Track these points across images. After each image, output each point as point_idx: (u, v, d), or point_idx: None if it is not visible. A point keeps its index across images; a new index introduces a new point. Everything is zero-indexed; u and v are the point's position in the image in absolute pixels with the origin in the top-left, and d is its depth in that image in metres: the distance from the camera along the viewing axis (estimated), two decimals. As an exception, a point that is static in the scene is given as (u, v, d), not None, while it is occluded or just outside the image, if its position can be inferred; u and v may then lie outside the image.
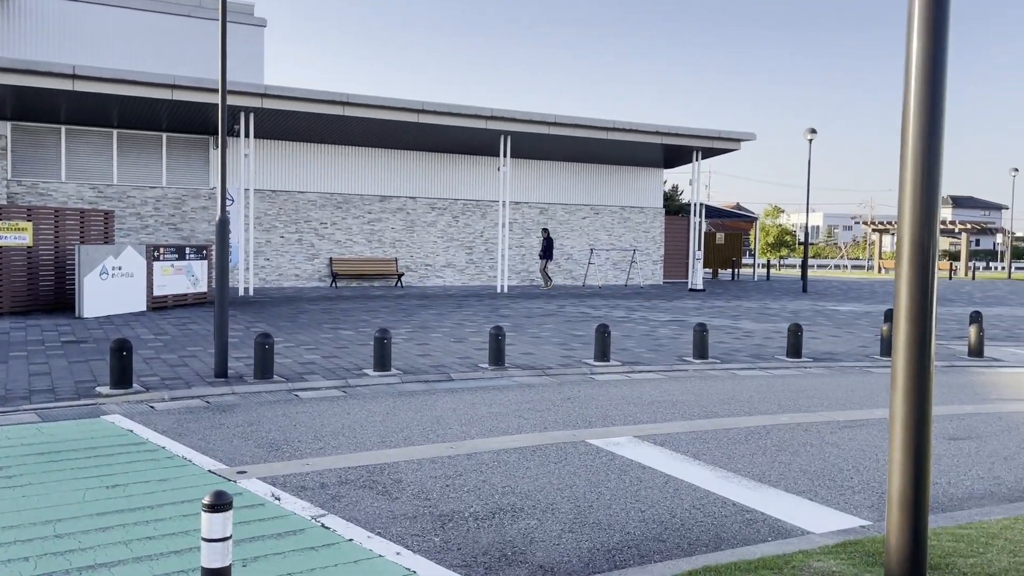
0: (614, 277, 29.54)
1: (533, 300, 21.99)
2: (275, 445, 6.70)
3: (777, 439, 7.23)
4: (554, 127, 23.65)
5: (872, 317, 19.59)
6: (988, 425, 8.03)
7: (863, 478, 6.04)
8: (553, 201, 28.51)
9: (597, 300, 22.44)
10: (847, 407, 8.83)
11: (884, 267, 55.19)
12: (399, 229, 26.37)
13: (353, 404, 8.46)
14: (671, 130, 25.22)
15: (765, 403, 8.95)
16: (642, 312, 19.20)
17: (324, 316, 16.73)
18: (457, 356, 11.72)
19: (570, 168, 28.77)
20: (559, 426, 7.58)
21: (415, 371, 10.39)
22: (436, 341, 13.27)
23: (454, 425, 7.54)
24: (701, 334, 12.08)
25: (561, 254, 28.66)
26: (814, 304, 23.14)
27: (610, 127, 24.24)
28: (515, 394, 9.22)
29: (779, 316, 19.14)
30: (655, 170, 30.14)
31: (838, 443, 7.13)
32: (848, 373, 11.48)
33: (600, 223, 29.26)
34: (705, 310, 20.15)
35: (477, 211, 27.34)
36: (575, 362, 11.48)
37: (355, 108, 21.36)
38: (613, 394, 9.32)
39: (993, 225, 55.70)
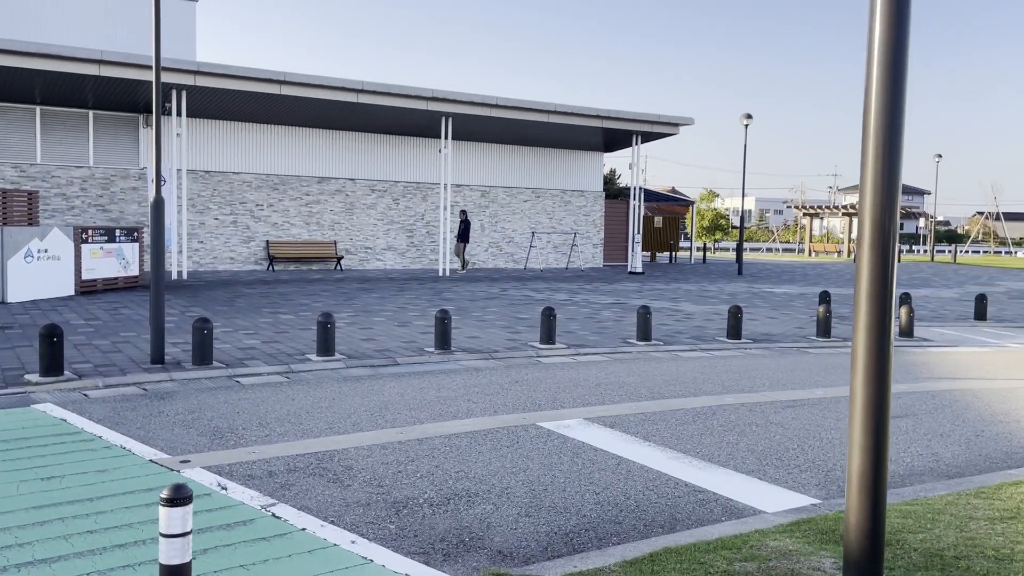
0: (555, 260, 29.65)
1: (476, 283, 21.91)
2: (218, 433, 6.50)
3: (723, 420, 7.33)
4: (496, 109, 23.52)
5: (806, 299, 20.08)
6: (923, 403, 8.29)
7: (808, 457, 6.16)
8: (494, 184, 28.41)
9: (539, 283, 22.48)
10: (788, 387, 9.01)
11: (814, 250, 56.71)
12: (338, 211, 25.95)
13: (297, 390, 8.29)
14: (612, 114, 25.33)
15: (709, 384, 9.08)
16: (584, 295, 19.30)
17: (262, 300, 16.37)
18: (402, 340, 11.59)
19: (512, 151, 28.70)
20: (509, 409, 7.54)
21: (360, 356, 10.23)
22: (380, 325, 13.10)
23: (403, 410, 7.45)
24: (644, 316, 12.19)
25: (503, 237, 28.62)
26: (750, 286, 23.62)
27: (551, 110, 24.21)
28: (463, 378, 9.16)
29: (717, 298, 19.47)
30: (595, 154, 30.28)
31: (782, 423, 7.26)
32: (787, 354, 11.73)
33: (541, 206, 29.29)
34: (645, 293, 20.37)
35: (418, 193, 27.08)
36: (521, 345, 11.46)
37: (292, 87, 20.87)
38: (561, 377, 9.33)
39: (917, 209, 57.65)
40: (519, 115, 23.89)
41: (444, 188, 24.12)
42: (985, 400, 8.52)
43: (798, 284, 25.33)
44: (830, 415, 7.61)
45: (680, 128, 27.07)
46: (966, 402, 8.38)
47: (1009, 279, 32.08)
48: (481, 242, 28.28)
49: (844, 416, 7.57)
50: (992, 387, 9.28)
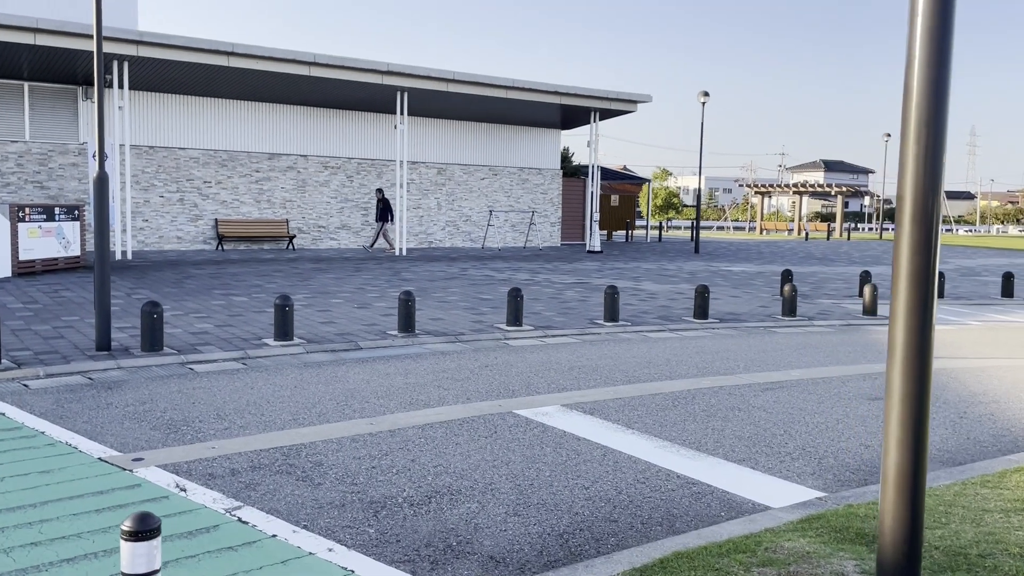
0: (513, 239, 29.30)
1: (434, 263, 21.46)
2: (173, 426, 6.04)
3: (704, 404, 7.09)
4: (453, 84, 22.98)
5: (765, 277, 20.08)
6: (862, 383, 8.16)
7: (797, 443, 5.95)
8: (451, 161, 27.88)
9: (499, 263, 22.12)
10: (763, 368, 8.83)
11: (765, 228, 57.30)
12: (289, 189, 25.20)
13: (256, 377, 7.83)
14: (570, 90, 24.96)
15: (684, 366, 8.85)
16: (545, 274, 19.01)
17: (213, 281, 15.73)
18: (363, 323, 11.15)
19: (468, 128, 28.17)
20: (482, 396, 7.20)
21: (320, 340, 9.78)
22: (338, 307, 12.63)
23: (371, 398, 7.05)
24: (612, 297, 11.93)
25: (460, 216, 28.15)
26: (708, 265, 23.59)
27: (509, 85, 23.75)
28: (430, 363, 8.78)
29: (678, 277, 19.36)
30: (553, 131, 29.91)
31: (764, 407, 7.06)
32: (754, 333, 11.59)
33: (499, 184, 28.87)
34: (606, 272, 20.16)
35: (372, 170, 26.43)
36: (487, 327, 11.12)
37: (240, 59, 20.06)
38: (531, 360, 9.02)
39: (865, 188, 58.58)
40: (477, 90, 23.38)
41: (400, 165, 23.55)
42: (961, 380, 8.44)
43: (755, 262, 25.40)
44: (811, 398, 7.43)
45: (638, 105, 26.84)
46: (942, 383, 8.29)
47: (956, 256, 32.71)
48: (438, 221, 27.79)
49: (826, 399, 7.40)
50: (965, 366, 9.23)
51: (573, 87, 24.99)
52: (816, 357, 9.65)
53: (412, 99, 23.58)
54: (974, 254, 35.03)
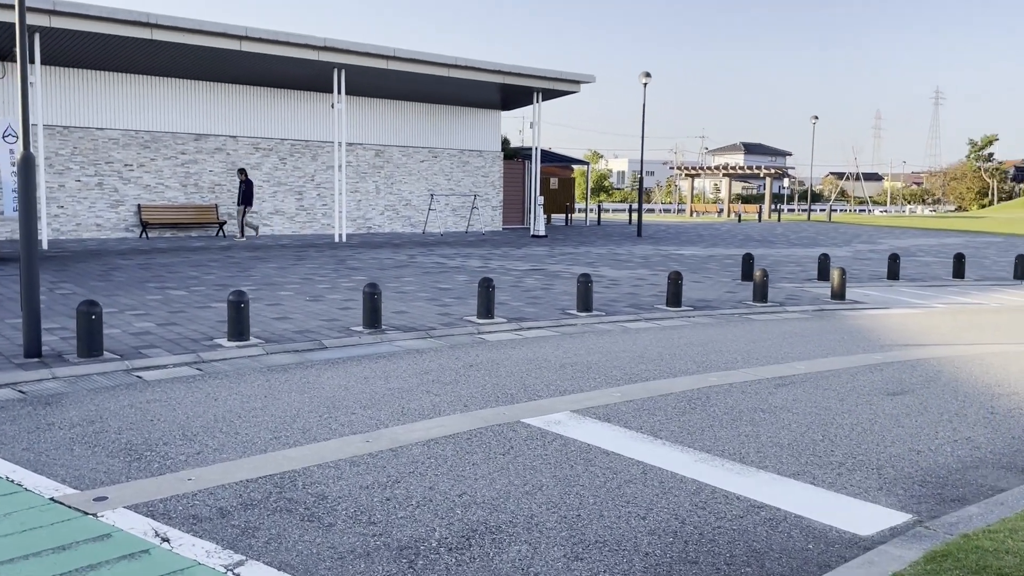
0: (454, 224, 28.46)
1: (378, 250, 20.50)
2: (135, 452, 5.14)
3: (722, 405, 6.53)
4: (393, 62, 21.96)
5: (717, 261, 19.82)
6: (909, 376, 7.79)
7: (843, 451, 5.43)
8: (389, 143, 26.83)
9: (446, 249, 21.30)
10: (764, 361, 8.35)
11: (696, 210, 57.83)
12: (219, 172, 23.78)
13: (217, 386, 6.92)
14: (513, 69, 24.21)
15: (680, 361, 8.30)
16: (497, 261, 18.30)
17: (144, 273, 14.50)
18: (321, 318, 10.26)
19: (408, 108, 27.14)
20: (479, 403, 6.48)
21: (279, 339, 8.87)
22: (289, 301, 11.67)
23: (356, 409, 6.25)
24: (585, 286, 11.31)
25: (399, 200, 27.15)
26: (656, 248, 23.26)
27: (452, 63, 22.85)
28: (407, 363, 8.00)
29: (632, 262, 18.91)
30: (493, 112, 29.12)
31: (786, 406, 6.54)
32: (732, 321, 11.15)
33: (439, 167, 27.95)
34: (558, 257, 19.59)
35: (307, 152, 25.18)
36: (457, 320, 10.37)
37: (165, 32, 18.64)
38: (517, 357, 8.32)
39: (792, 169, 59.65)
40: (418, 68, 22.42)
41: (338, 147, 22.43)
42: (967, 370, 8.12)
43: (700, 245, 25.22)
44: (830, 395, 6.96)
45: (581, 85, 26.28)
46: (951, 373, 7.95)
47: (889, 237, 33.33)
48: (376, 205, 26.74)
49: (845, 395, 6.94)
50: (962, 354, 8.95)
51: (517, 66, 24.25)
52: (809, 347, 9.24)
53: (350, 77, 22.46)
54: (902, 235, 35.79)
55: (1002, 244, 30.32)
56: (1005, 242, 31.90)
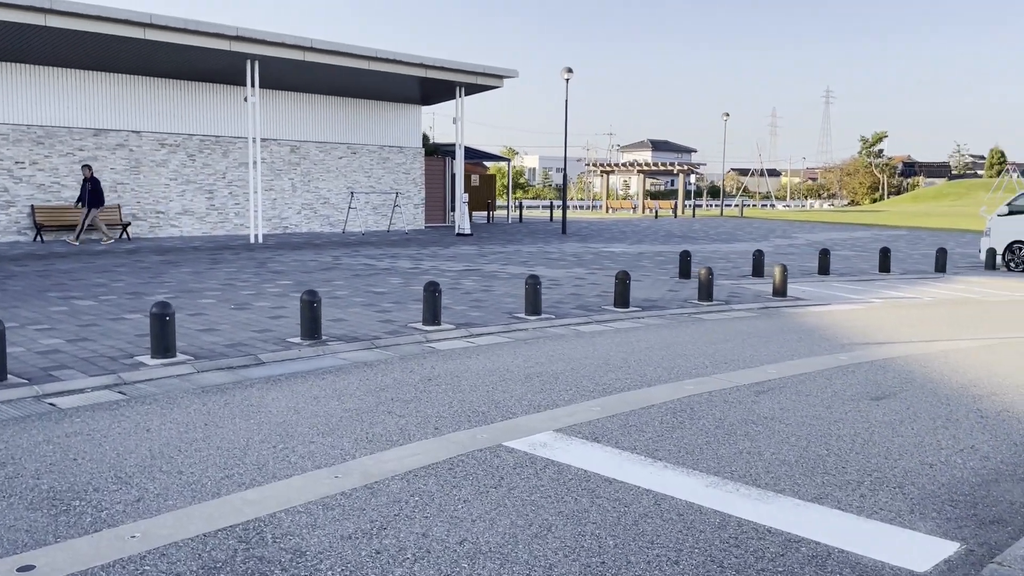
0: (375, 223, 27.54)
1: (299, 251, 19.50)
2: (60, 501, 4.33)
3: (710, 418, 6.12)
4: (310, 53, 20.93)
5: (648, 258, 19.65)
6: (883, 378, 7.57)
7: (855, 467, 5.07)
8: (306, 138, 25.71)
9: (371, 249, 20.45)
10: (733, 366, 8.00)
11: (611, 207, 58.24)
12: (121, 170, 22.24)
13: (147, 413, 6.08)
14: (436, 63, 23.50)
15: (648, 367, 7.87)
16: (429, 261, 17.61)
17: (44, 282, 13.23)
18: (252, 329, 9.42)
19: (325, 102, 26.06)
20: (451, 424, 5.87)
21: (209, 354, 8.03)
22: (213, 310, 10.75)
23: (314, 436, 5.55)
24: (534, 288, 10.80)
25: (317, 198, 26.06)
26: (586, 246, 22.99)
27: (372, 56, 21.98)
28: (358, 379, 7.30)
29: (565, 260, 18.53)
30: (414, 107, 28.32)
31: (777, 416, 6.17)
32: (685, 322, 10.84)
33: (358, 164, 26.97)
34: (490, 256, 19.03)
35: (218, 148, 23.85)
36: (401, 328, 9.69)
37: (60, 17, 17.17)
38: (476, 369, 7.73)
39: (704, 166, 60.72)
40: (337, 61, 21.46)
41: (252, 142, 21.26)
42: (936, 369, 7.97)
43: (627, 242, 25.10)
44: (815, 401, 6.64)
45: (504, 80, 25.78)
46: (923, 373, 7.78)
47: (801, 231, 34.09)
48: (293, 204, 25.60)
49: (831, 402, 6.63)
50: (923, 352, 8.84)
51: (439, 60, 23.55)
52: (771, 348, 8.97)
53: (264, 69, 21.32)
54: (812, 229, 36.69)
55: (908, 237, 31.40)
56: (910, 235, 33.09)
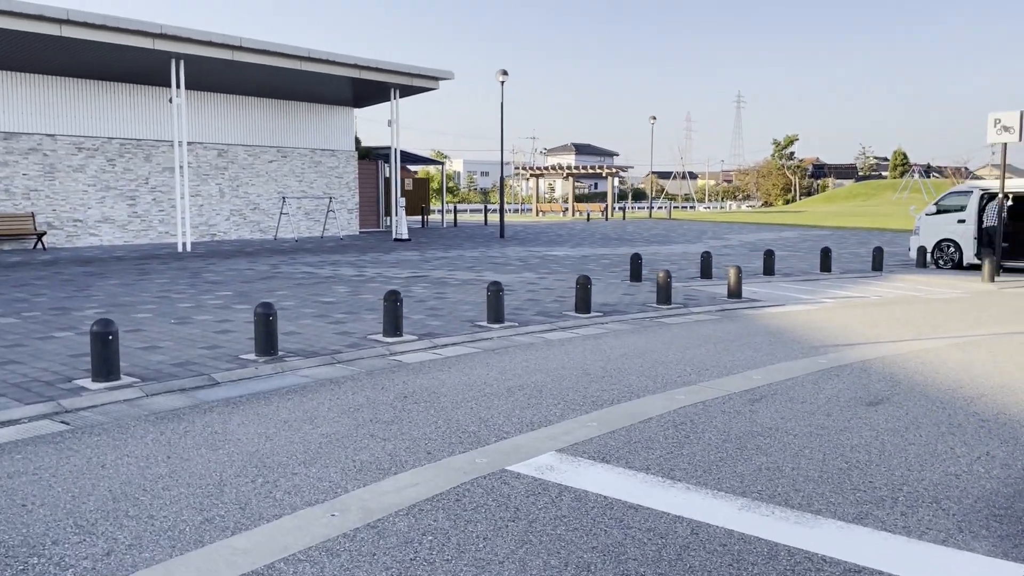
0: (308, 228, 26.64)
1: (232, 260, 18.59)
2: (16, 559, 3.70)
3: (714, 431, 5.81)
4: (239, 52, 20.04)
5: (593, 261, 19.46)
6: (869, 381, 7.43)
7: (884, 481, 4.82)
8: (234, 141, 24.67)
9: (308, 256, 19.67)
10: (716, 372, 7.75)
11: (542, 210, 58.22)
12: (35, 176, 20.88)
13: (99, 446, 5.43)
14: (370, 63, 22.85)
15: (630, 376, 7.55)
16: (372, 268, 16.99)
17: (-44, 296, 12.14)
18: (199, 345, 8.74)
19: (254, 104, 25.07)
20: (442, 447, 5.41)
21: (157, 375, 7.35)
22: (152, 325, 9.98)
23: (295, 467, 5.01)
24: (496, 295, 10.39)
25: (246, 204, 25.04)
26: (528, 250, 22.67)
27: (305, 56, 21.20)
28: (328, 398, 6.76)
29: (511, 265, 18.16)
30: (346, 109, 27.53)
31: (780, 427, 5.91)
32: (650, 327, 10.59)
33: (289, 167, 26.05)
34: (434, 262, 18.51)
35: (140, 153, 22.65)
36: (360, 340, 9.15)
37: (-33, 13, 15.93)
38: (452, 383, 7.27)
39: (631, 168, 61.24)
40: (267, 60, 20.61)
41: (178, 146, 20.21)
42: (917, 370, 7.88)
43: (567, 246, 24.89)
44: (813, 409, 6.41)
45: (439, 82, 25.29)
46: (906, 376, 7.67)
47: (731, 232, 34.57)
48: (221, 210, 24.53)
49: (830, 410, 6.41)
50: (894, 352, 8.77)
51: (375, 60, 22.91)
52: (746, 353, 8.77)
53: (190, 69, 20.31)
54: (740, 230, 37.29)
55: (834, 237, 32.13)
56: (835, 235, 33.89)
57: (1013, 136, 17.00)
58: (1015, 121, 16.96)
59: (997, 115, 17.23)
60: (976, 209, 19.04)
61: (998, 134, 17.22)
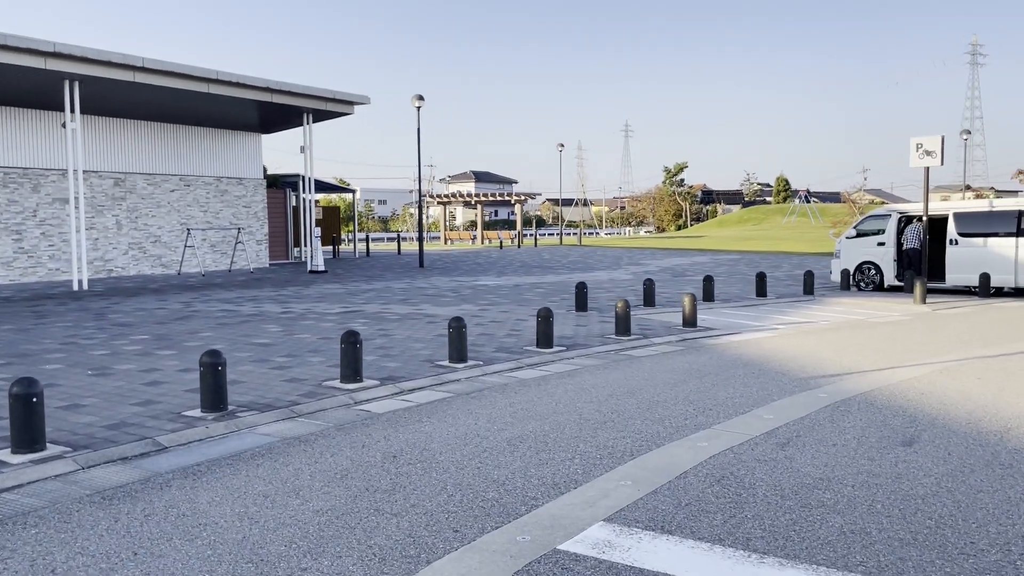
0: (214, 262, 24.99)
1: (137, 298, 17.02)
2: None
3: (764, 486, 5.19)
4: (141, 73, 18.58)
5: (527, 290, 18.82)
6: (885, 417, 7.00)
7: (983, 539, 4.29)
8: (133, 170, 22.93)
9: (222, 292, 18.25)
10: (723, 413, 7.16)
11: (450, 238, 57.48)
12: (-97, 208, 18.69)
13: (39, 543, 4.34)
14: (284, 87, 21.69)
15: (635, 420, 6.88)
16: (298, 304, 15.81)
17: None
18: (130, 401, 7.57)
19: (155, 130, 23.41)
20: (468, 522, 4.57)
21: (89, 441, 6.21)
22: (65, 378, 8.68)
23: (303, 560, 4.08)
24: (459, 332, 9.57)
25: (146, 236, 23.27)
26: (455, 280, 21.85)
27: (214, 78, 19.88)
28: (304, 463, 5.79)
29: (446, 296, 17.31)
30: (254, 135, 26.14)
31: (831, 477, 5.34)
32: (620, 362, 9.98)
33: (193, 197, 24.42)
34: (362, 296, 17.45)
35: (26, 183, 20.69)
36: (316, 387, 8.16)
37: None
38: (443, 437, 6.42)
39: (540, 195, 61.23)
40: (172, 83, 19.20)
41: (73, 175, 18.50)
42: (927, 403, 7.53)
43: (493, 275, 24.20)
44: (850, 452, 5.89)
45: (355, 107, 24.31)
46: (920, 410, 7.29)
47: (646, 258, 34.69)
48: (119, 244, 22.71)
49: (870, 455, 5.90)
50: (888, 382, 8.43)
51: (288, 84, 21.76)
52: (737, 388, 8.25)
53: (86, 91, 18.68)
54: (653, 255, 37.50)
55: (745, 260, 32.64)
56: (744, 258, 34.45)
57: (935, 160, 17.44)
58: (936, 145, 17.42)
59: (919, 139, 17.67)
60: (895, 232, 19.45)
61: (920, 158, 17.64)
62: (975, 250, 18.32)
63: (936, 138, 17.47)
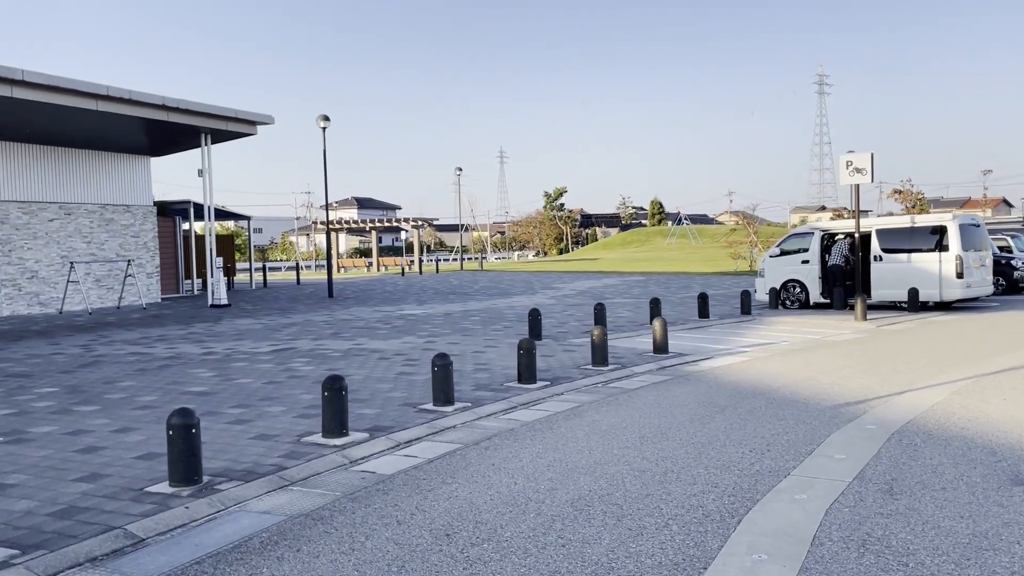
0: (100, 298, 22.54)
1: (24, 342, 14.85)
2: None
3: (918, 547, 4.37)
4: (19, 88, 16.42)
5: (461, 317, 17.70)
6: (969, 450, 6.38)
7: None
8: (5, 197, 20.38)
9: (120, 332, 16.21)
10: (786, 455, 6.35)
11: (343, 266, 55.43)
12: None
13: None
14: (181, 104, 19.81)
15: (696, 468, 5.97)
16: (217, 343, 14.09)
17: None
18: (73, 477, 6.05)
19: (31, 152, 20.94)
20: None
21: (40, 540, 4.77)
22: (-27, 447, 6.98)
23: None
24: (445, 370, 8.42)
25: (21, 271, 20.70)
26: (378, 310, 20.42)
27: (103, 95, 17.87)
28: (336, 554, 4.56)
29: (379, 329, 15.95)
30: (142, 158, 23.92)
31: (979, 532, 4.59)
32: (618, 396, 9.09)
33: (75, 227, 21.99)
34: (285, 331, 15.85)
35: None
36: (297, 445, 6.85)
37: None
38: (488, 504, 5.29)
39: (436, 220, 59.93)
40: (55, 98, 17.09)
41: (-63, 203, 16.07)
42: (987, 431, 6.97)
43: (413, 303, 22.89)
44: (968, 497, 5.17)
45: (258, 127, 22.62)
46: (993, 440, 6.72)
47: (557, 282, 34.06)
48: (-11, 280, 20.07)
49: (996, 497, 5.20)
50: (918, 406, 7.88)
51: (184, 101, 19.89)
52: (772, 424, 7.49)
53: (-48, 107, 16.34)
54: (560, 279, 37.00)
55: (655, 281, 32.59)
56: (651, 280, 34.42)
57: (866, 177, 17.56)
58: (867, 163, 17.54)
59: (849, 156, 17.77)
60: (819, 249, 19.52)
61: (851, 175, 17.74)
62: (899, 265, 18.57)
63: (866, 155, 17.62)
